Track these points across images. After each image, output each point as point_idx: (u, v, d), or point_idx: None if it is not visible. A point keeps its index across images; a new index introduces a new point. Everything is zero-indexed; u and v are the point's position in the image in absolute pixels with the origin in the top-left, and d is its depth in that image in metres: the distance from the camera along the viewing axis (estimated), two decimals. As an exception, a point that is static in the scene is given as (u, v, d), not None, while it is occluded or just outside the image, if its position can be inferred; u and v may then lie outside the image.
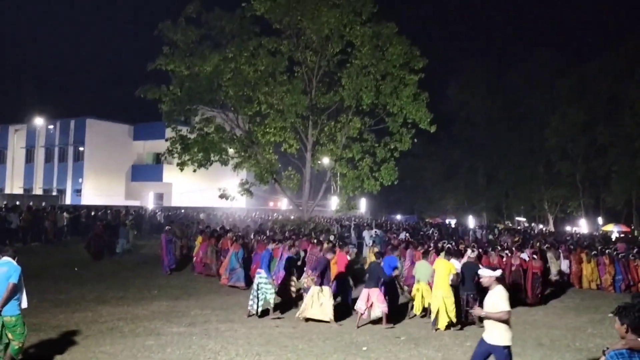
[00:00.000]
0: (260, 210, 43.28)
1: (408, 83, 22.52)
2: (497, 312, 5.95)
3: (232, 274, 15.00)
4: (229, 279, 15.03)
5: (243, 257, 15.16)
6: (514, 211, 53.20)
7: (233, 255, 15.09)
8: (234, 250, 15.16)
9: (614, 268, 17.51)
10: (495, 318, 5.96)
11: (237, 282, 14.92)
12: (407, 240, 19.61)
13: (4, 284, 6.84)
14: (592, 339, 10.56)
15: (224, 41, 23.01)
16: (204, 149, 22.48)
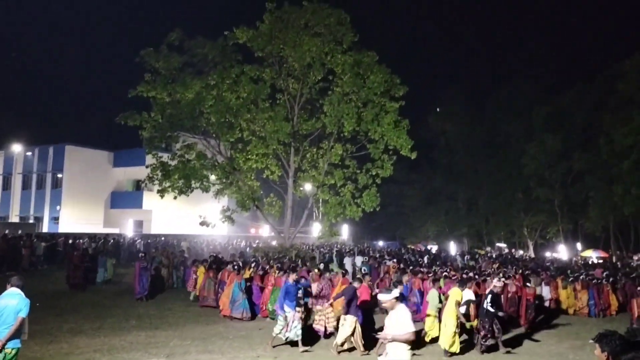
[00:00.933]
0: (242, 237, 42.92)
1: (389, 110, 22.76)
2: (404, 334, 5.79)
3: (236, 305, 14.62)
4: (235, 310, 14.60)
5: (245, 287, 14.88)
6: (494, 237, 53.55)
7: (236, 285, 14.68)
8: (237, 281, 14.78)
9: (587, 293, 17.71)
10: (403, 340, 5.81)
11: (237, 312, 14.54)
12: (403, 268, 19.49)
13: (11, 316, 6.70)
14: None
15: (206, 68, 23.09)
16: (184, 176, 22.26)
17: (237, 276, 14.91)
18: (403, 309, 6.07)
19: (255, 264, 18.03)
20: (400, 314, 5.99)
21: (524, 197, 49.25)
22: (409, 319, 5.93)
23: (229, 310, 14.61)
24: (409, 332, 5.82)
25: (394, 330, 5.93)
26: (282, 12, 23.09)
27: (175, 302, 17.37)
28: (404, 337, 5.81)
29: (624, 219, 41.45)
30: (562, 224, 46.36)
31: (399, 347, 5.86)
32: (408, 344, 5.87)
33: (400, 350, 5.85)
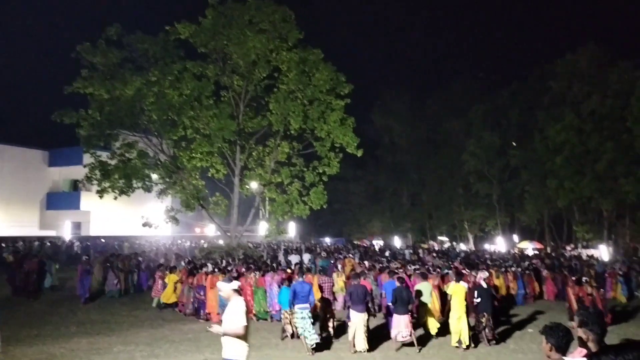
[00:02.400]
0: (187, 237, 42.00)
1: (335, 108, 22.89)
2: (235, 329, 5.67)
3: (223, 309, 14.09)
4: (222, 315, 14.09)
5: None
6: (437, 231, 54.94)
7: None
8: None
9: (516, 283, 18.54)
10: (233, 334, 5.69)
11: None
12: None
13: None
14: (514, 355, 10.93)
15: (147, 64, 22.46)
16: (125, 176, 21.54)
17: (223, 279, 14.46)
18: (239, 302, 5.88)
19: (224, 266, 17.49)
20: (235, 307, 5.81)
21: (464, 192, 50.74)
22: (242, 313, 5.74)
23: (219, 316, 14.02)
24: (239, 326, 5.66)
25: (227, 324, 5.77)
26: (226, 7, 22.76)
27: (120, 306, 16.74)
28: (234, 331, 5.67)
29: (557, 212, 43.48)
30: (500, 217, 48.09)
31: (231, 341, 5.72)
32: (241, 338, 5.72)
33: (234, 345, 5.70)
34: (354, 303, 10.75)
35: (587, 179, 35.17)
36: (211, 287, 14.32)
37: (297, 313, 10.74)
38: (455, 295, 11.37)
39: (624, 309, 17.27)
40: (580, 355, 4.17)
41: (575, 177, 35.92)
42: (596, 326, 4.07)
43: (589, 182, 34.99)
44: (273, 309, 14.19)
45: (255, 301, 14.46)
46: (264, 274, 15.23)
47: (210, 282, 14.53)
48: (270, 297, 14.24)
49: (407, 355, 10.82)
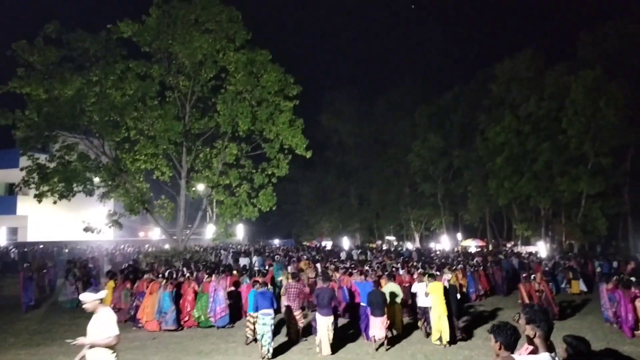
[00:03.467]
0: (131, 241, 40.78)
1: (283, 109, 22.83)
2: (106, 339, 5.56)
3: (165, 317, 13.54)
4: (162, 322, 13.54)
5: (176, 297, 13.91)
6: (384, 231, 55.88)
7: (166, 295, 13.62)
8: (166, 291, 13.74)
9: (466, 280, 19.08)
10: (104, 344, 5.56)
11: (171, 324, 13.58)
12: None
13: None
14: (461, 351, 11.26)
15: (88, 63, 21.64)
16: (65, 179, 20.62)
17: (166, 285, 13.96)
18: (108, 312, 5.81)
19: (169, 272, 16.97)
20: (104, 317, 5.71)
21: (410, 192, 51.89)
22: (112, 322, 5.67)
23: (156, 323, 13.59)
24: (112, 336, 5.59)
25: (95, 335, 5.63)
26: (170, 6, 22.26)
27: (62, 314, 16.04)
28: (106, 341, 5.57)
29: (498, 210, 45.19)
30: (445, 216, 49.46)
31: (100, 352, 5.61)
32: (111, 348, 5.65)
33: (102, 355, 5.60)
34: (320, 306, 10.76)
35: (525, 178, 36.65)
36: (150, 293, 14.04)
37: (259, 318, 10.52)
38: (434, 294, 11.63)
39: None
40: (527, 352, 4.35)
41: (514, 177, 37.39)
42: (543, 323, 4.25)
43: (527, 181, 36.48)
44: (214, 316, 13.69)
45: (197, 307, 14.02)
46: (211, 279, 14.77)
47: (150, 288, 14.22)
48: (215, 302, 13.73)
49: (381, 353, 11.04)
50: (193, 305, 14.14)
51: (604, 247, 39.75)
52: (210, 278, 14.60)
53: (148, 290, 14.20)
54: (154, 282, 14.47)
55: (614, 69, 35.44)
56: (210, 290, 14.01)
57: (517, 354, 4.22)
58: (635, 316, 12.77)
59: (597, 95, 33.12)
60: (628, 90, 33.87)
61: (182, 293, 14.37)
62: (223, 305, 13.76)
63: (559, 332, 12.85)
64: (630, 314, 12.78)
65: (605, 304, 14.48)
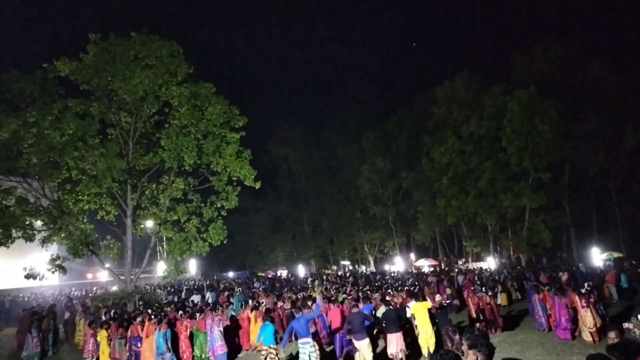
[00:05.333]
0: (77, 284, 39.11)
1: (230, 141, 22.69)
2: None
3: (165, 357, 13.11)
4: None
5: (171, 337, 13.49)
6: (339, 256, 55.95)
7: (160, 337, 13.17)
8: (161, 331, 13.27)
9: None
10: None
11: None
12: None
13: None
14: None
15: (24, 104, 20.86)
16: (3, 225, 19.62)
17: (160, 326, 13.55)
18: None
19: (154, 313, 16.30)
20: None
21: (362, 215, 52.36)
22: None
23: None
24: None
25: None
26: (108, 43, 21.88)
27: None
28: None
29: (448, 229, 46.21)
30: (397, 238, 50.12)
31: None
32: None
33: None
34: (355, 332, 11.18)
35: (471, 196, 37.74)
36: (147, 336, 13.68)
37: (301, 348, 10.66)
38: (418, 314, 12.22)
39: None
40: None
41: (460, 195, 38.44)
42: (484, 347, 4.36)
43: (472, 199, 37.56)
44: (213, 354, 13.54)
45: (197, 346, 13.86)
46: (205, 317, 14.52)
47: (146, 331, 13.82)
48: (211, 341, 13.59)
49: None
50: (188, 344, 13.90)
51: (550, 258, 41.24)
52: (203, 316, 14.40)
53: (144, 334, 13.81)
54: (148, 324, 14.06)
55: (546, 87, 37.42)
56: (207, 328, 13.85)
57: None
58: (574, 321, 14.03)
59: (532, 113, 34.78)
60: (561, 108, 35.76)
61: (177, 332, 14.11)
62: (220, 342, 13.60)
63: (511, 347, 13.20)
64: (564, 317, 14.12)
65: (538, 312, 15.62)
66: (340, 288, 22.57)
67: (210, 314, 14.44)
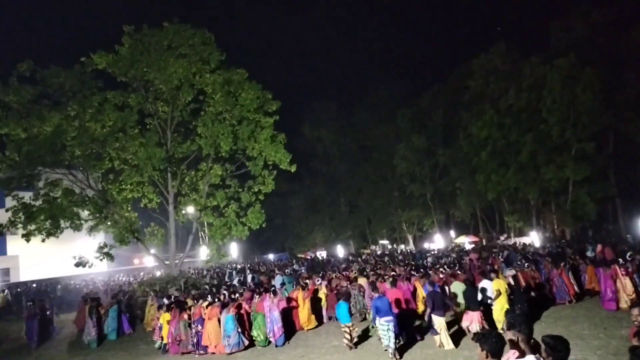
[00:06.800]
0: (125, 270, 40.48)
1: (264, 126, 22.91)
2: None
3: (231, 340, 13.58)
4: (229, 346, 13.57)
5: (239, 319, 13.97)
6: (377, 236, 55.86)
7: (229, 319, 13.65)
8: (229, 314, 13.75)
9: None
10: None
11: (236, 347, 13.60)
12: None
13: None
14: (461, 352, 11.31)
15: (65, 99, 21.57)
16: (51, 216, 20.46)
17: (228, 308, 14.01)
18: None
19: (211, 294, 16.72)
20: None
21: (399, 194, 51.94)
22: None
23: (223, 347, 13.63)
24: None
25: None
26: (142, 34, 22.29)
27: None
28: None
29: (488, 204, 45.39)
30: (436, 216, 49.54)
31: None
32: None
33: None
34: (436, 308, 11.86)
35: (511, 170, 36.88)
36: (209, 318, 14.07)
37: (381, 325, 11.29)
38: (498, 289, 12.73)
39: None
40: (514, 357, 4.41)
41: (500, 170, 37.63)
42: (524, 326, 4.32)
43: (513, 173, 36.71)
44: (274, 335, 13.86)
45: (255, 327, 14.16)
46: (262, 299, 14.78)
47: (209, 313, 14.23)
48: (271, 322, 13.90)
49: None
50: (248, 324, 14.31)
51: (595, 231, 40.13)
52: (261, 298, 14.72)
53: (207, 316, 14.21)
54: (211, 307, 14.47)
55: (587, 55, 35.95)
56: (266, 310, 14.13)
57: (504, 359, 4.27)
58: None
59: (573, 82, 33.58)
60: (602, 75, 34.37)
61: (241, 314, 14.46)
62: (280, 324, 13.95)
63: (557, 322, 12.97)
64: (609, 288, 14.15)
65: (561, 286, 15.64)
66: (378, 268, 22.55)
67: (269, 296, 14.63)
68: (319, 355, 12.58)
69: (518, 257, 21.64)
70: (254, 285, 20.79)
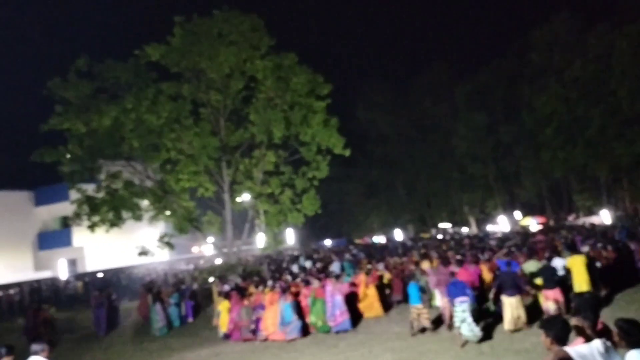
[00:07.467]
0: (185, 259, 41.49)
1: (316, 110, 22.54)
2: None
3: (288, 327, 13.63)
4: (287, 333, 13.63)
5: (297, 306, 14.02)
6: (437, 219, 54.55)
7: (287, 307, 13.70)
8: (287, 302, 13.82)
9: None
10: None
11: (296, 334, 13.65)
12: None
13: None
14: (528, 338, 10.62)
15: (121, 92, 21.99)
16: (114, 208, 21.11)
17: (285, 296, 14.01)
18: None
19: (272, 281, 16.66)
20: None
21: (459, 175, 50.33)
22: None
23: (281, 334, 13.65)
24: None
25: None
26: (193, 24, 22.35)
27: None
28: None
29: (555, 183, 43.44)
30: (499, 197, 47.90)
31: None
32: None
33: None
34: (506, 288, 11.42)
35: (579, 146, 35.15)
36: (271, 304, 14.08)
37: (458, 306, 10.96)
38: (574, 268, 12.09)
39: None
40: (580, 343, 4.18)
41: (567, 146, 35.86)
42: (589, 312, 4.20)
43: (581, 149, 34.96)
44: (335, 321, 13.59)
45: (314, 313, 13.93)
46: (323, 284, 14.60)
47: (270, 299, 14.24)
48: (333, 307, 13.64)
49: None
50: (308, 311, 14.14)
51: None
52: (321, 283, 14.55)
53: (268, 302, 14.24)
54: (272, 293, 14.47)
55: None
56: (327, 296, 13.92)
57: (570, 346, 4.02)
58: None
59: (644, 49, 31.28)
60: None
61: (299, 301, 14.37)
62: (342, 309, 13.66)
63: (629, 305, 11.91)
64: None
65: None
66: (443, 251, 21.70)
67: (331, 281, 14.39)
68: (380, 342, 12.17)
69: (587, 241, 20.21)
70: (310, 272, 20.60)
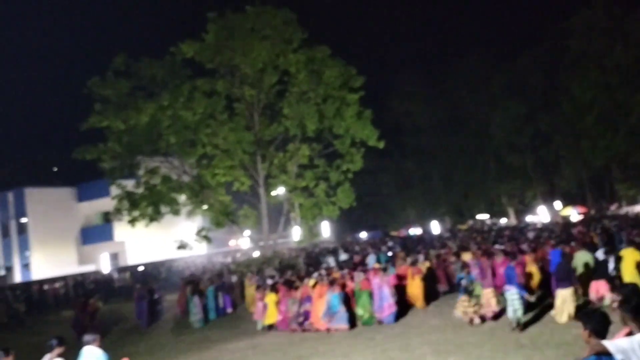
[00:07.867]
0: (222, 252, 42.13)
1: (350, 103, 22.48)
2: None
3: (333, 317, 13.75)
4: (333, 322, 13.78)
5: (344, 297, 14.14)
6: (474, 210, 53.65)
7: (334, 298, 13.79)
8: (334, 293, 13.92)
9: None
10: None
11: (340, 324, 13.77)
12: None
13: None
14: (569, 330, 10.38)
15: (157, 89, 22.44)
16: (152, 203, 21.63)
17: (333, 287, 14.10)
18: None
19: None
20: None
21: (496, 166, 49.37)
22: None
23: (325, 324, 13.80)
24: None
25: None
26: (226, 20, 22.52)
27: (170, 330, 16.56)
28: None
29: (596, 172, 42.14)
30: (538, 187, 46.77)
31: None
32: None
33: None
34: (560, 280, 11.43)
35: (620, 134, 34.06)
36: (320, 297, 14.12)
37: (510, 294, 11.10)
38: (625, 262, 11.81)
39: None
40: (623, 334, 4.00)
41: (608, 134, 34.75)
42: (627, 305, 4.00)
43: (623, 137, 33.91)
44: (382, 313, 13.56)
45: (360, 305, 13.92)
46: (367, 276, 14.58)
47: (318, 291, 14.30)
48: (381, 299, 13.60)
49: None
50: (353, 303, 14.17)
51: None
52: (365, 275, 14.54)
53: (317, 294, 14.29)
54: (320, 285, 14.50)
55: None
56: (374, 287, 13.91)
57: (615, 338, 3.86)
58: None
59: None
60: None
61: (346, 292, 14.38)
62: (390, 301, 13.61)
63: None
64: None
65: None
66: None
67: (378, 273, 14.34)
68: (418, 334, 12.10)
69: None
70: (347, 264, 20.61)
